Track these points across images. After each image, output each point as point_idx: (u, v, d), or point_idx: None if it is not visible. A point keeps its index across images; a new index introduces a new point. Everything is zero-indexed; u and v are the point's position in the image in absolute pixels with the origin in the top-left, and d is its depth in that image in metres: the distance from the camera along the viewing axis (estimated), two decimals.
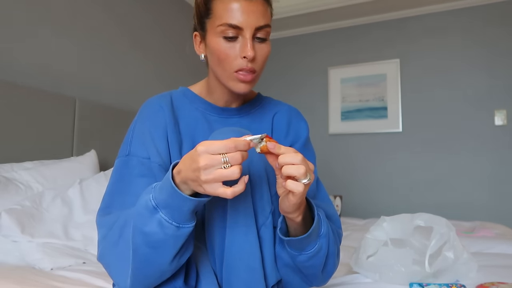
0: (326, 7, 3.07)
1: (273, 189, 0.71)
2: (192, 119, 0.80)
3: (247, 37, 0.71)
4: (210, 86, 0.83)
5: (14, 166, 1.50)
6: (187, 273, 0.67)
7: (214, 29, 0.73)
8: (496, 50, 2.83)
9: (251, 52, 0.70)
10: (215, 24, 0.72)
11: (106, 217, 0.68)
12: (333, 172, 3.27)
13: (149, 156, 0.72)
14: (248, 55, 0.70)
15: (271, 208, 0.69)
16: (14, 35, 1.71)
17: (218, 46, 0.72)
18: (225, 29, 0.71)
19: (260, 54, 0.74)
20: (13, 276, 0.99)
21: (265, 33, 0.73)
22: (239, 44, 0.72)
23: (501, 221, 2.61)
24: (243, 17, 0.70)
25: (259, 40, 0.73)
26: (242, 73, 0.73)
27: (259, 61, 0.74)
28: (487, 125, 2.82)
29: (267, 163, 0.71)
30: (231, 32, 0.71)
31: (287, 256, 0.71)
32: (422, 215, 0.98)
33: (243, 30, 0.71)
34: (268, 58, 0.77)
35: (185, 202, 0.56)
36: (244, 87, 0.75)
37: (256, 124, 0.85)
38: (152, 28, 2.62)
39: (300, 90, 3.50)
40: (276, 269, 0.70)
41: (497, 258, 1.30)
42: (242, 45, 0.71)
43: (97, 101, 2.11)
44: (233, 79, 0.74)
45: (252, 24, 0.71)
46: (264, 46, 0.74)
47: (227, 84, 0.75)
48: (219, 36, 0.72)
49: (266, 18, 0.73)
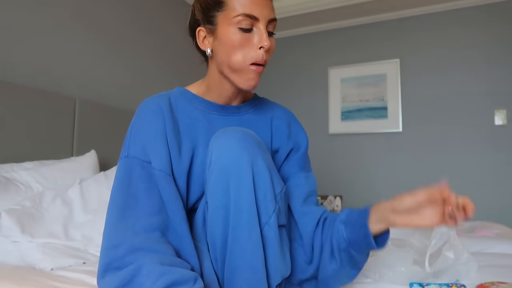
0: (326, 7, 3.07)
1: (277, 188, 0.71)
2: (192, 118, 0.80)
3: (262, 28, 0.74)
4: (209, 85, 0.83)
5: (14, 166, 1.50)
6: None
7: (229, 21, 0.74)
8: (497, 50, 2.83)
9: (267, 42, 0.73)
10: (230, 15, 0.74)
11: (117, 274, 0.62)
12: (333, 172, 3.27)
13: (150, 160, 0.72)
14: (265, 44, 0.73)
15: (275, 207, 0.69)
16: (14, 35, 1.71)
17: (235, 36, 0.74)
18: (242, 20, 0.73)
19: (271, 47, 0.77)
20: (13, 276, 0.99)
21: (274, 26, 0.77)
22: (254, 35, 0.74)
23: (501, 221, 2.61)
24: (258, 9, 0.73)
25: (269, 33, 0.76)
26: (255, 66, 0.75)
27: (270, 55, 0.77)
28: (487, 125, 2.82)
29: (270, 161, 0.71)
30: (247, 23, 0.73)
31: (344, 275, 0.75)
32: None
33: (259, 21, 0.73)
34: None
35: None
36: (254, 81, 0.76)
37: (256, 123, 0.85)
38: (152, 28, 2.62)
39: (300, 90, 3.50)
40: (279, 269, 0.70)
41: (497, 258, 1.30)
42: (259, 36, 0.74)
43: (97, 101, 2.11)
44: (248, 71, 0.75)
45: (266, 16, 0.74)
46: (272, 40, 0.77)
47: (238, 80, 0.76)
48: (235, 26, 0.74)
49: (274, 12, 0.77)
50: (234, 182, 0.65)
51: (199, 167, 0.77)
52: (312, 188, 0.86)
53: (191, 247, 0.68)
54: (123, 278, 0.60)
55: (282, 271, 0.70)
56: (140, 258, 0.61)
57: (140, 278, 0.59)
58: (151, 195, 0.69)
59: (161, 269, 0.58)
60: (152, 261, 0.60)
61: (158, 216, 0.68)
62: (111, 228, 0.67)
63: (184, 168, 0.75)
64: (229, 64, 0.76)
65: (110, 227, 0.67)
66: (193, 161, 0.77)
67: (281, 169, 0.87)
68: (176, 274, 0.58)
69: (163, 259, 0.61)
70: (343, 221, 0.76)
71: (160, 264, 0.60)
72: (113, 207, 0.69)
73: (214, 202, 0.68)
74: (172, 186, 0.72)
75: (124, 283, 0.60)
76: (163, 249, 0.64)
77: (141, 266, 0.60)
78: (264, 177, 0.68)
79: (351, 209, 0.78)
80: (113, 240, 0.65)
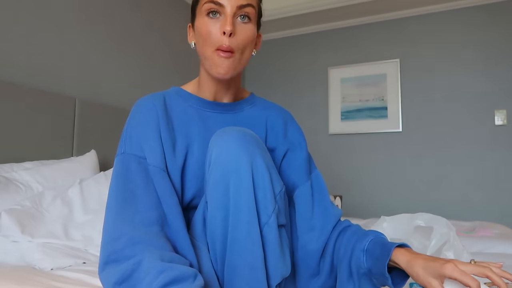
0: (326, 7, 3.07)
1: (276, 188, 0.71)
2: (186, 117, 0.81)
3: (228, 13, 0.74)
4: (200, 80, 0.85)
5: (14, 166, 1.50)
6: None
7: (200, 11, 0.77)
8: (497, 50, 2.83)
9: (229, 27, 0.73)
10: (201, 5, 0.77)
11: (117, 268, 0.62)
12: (333, 172, 3.27)
13: (145, 157, 0.73)
14: (227, 29, 0.73)
15: (275, 207, 0.69)
16: (14, 35, 1.71)
17: (203, 25, 0.76)
18: (208, 7, 0.75)
19: (241, 34, 0.76)
20: (13, 276, 0.99)
21: (248, 12, 0.76)
22: (220, 21, 0.75)
23: (501, 221, 2.62)
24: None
25: (242, 19, 0.76)
26: (221, 52, 0.75)
27: (240, 41, 0.76)
28: (487, 125, 2.82)
29: (270, 161, 0.71)
30: (213, 8, 0.75)
31: None
32: (422, 215, 0.98)
33: (224, 7, 0.74)
34: (251, 43, 0.79)
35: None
36: (222, 69, 0.76)
37: (251, 121, 0.86)
38: (152, 28, 2.62)
39: (300, 90, 3.50)
40: (279, 269, 0.70)
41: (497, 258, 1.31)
42: (222, 21, 0.75)
43: (97, 101, 2.11)
44: (213, 57, 0.76)
45: (233, 1, 0.74)
46: (247, 27, 0.77)
47: (210, 69, 0.77)
48: (204, 15, 0.76)
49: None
50: (234, 182, 0.65)
51: (194, 164, 0.78)
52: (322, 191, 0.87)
53: (187, 242, 0.69)
54: (123, 272, 0.60)
55: (282, 271, 0.70)
56: (139, 252, 0.61)
57: (140, 273, 0.59)
58: (148, 190, 0.70)
59: (161, 266, 0.58)
60: (152, 257, 0.60)
61: (156, 211, 0.69)
62: (110, 222, 0.67)
63: (178, 165, 0.76)
64: (201, 53, 0.79)
65: (109, 222, 0.68)
66: (187, 158, 0.78)
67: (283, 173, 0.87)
68: (176, 271, 0.58)
69: (163, 254, 0.62)
70: (363, 250, 0.75)
71: (160, 260, 0.60)
72: (111, 203, 0.70)
73: (214, 202, 0.68)
74: (167, 181, 0.72)
75: (124, 278, 0.60)
76: (163, 243, 0.65)
77: (141, 261, 0.60)
78: (264, 176, 0.68)
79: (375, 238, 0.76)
80: (112, 233, 0.65)
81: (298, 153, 0.88)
